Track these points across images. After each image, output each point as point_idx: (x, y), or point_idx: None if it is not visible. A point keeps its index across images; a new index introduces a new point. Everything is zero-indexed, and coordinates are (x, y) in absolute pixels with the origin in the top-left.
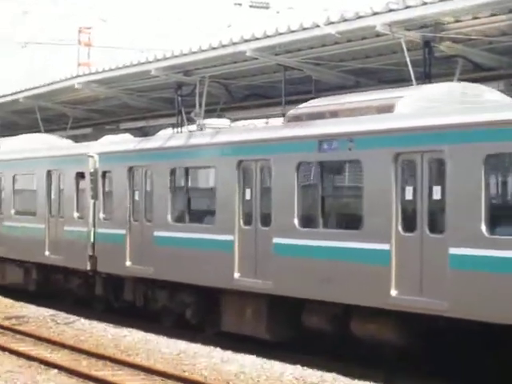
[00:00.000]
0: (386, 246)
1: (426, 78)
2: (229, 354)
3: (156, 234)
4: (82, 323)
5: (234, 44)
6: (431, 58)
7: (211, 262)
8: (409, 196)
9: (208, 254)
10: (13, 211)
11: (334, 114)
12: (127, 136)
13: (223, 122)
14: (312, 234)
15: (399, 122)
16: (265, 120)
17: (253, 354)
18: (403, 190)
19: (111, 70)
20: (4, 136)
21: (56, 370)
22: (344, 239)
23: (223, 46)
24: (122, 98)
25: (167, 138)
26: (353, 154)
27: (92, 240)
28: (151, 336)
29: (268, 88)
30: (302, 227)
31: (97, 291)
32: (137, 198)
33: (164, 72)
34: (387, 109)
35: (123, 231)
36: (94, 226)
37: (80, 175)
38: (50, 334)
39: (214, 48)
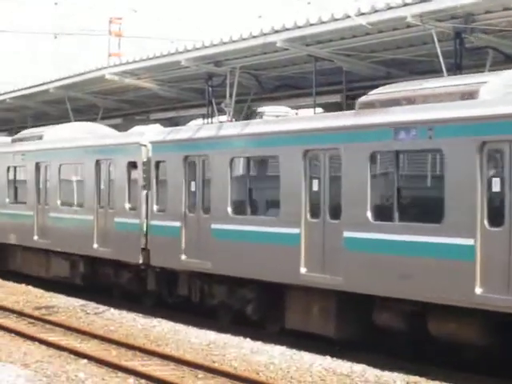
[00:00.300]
0: (470, 241)
1: (456, 69)
2: (258, 344)
3: (214, 226)
4: (112, 313)
5: (265, 35)
6: (462, 49)
7: (275, 257)
8: (496, 188)
9: (272, 248)
10: (59, 202)
11: (411, 101)
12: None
13: (284, 109)
14: (387, 227)
15: (485, 108)
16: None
17: (282, 345)
18: (489, 181)
19: (142, 60)
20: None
21: (86, 360)
22: (423, 233)
23: (254, 37)
24: (152, 89)
25: (227, 126)
26: (433, 143)
27: (145, 232)
28: (180, 326)
29: (298, 79)
30: (376, 220)
31: (149, 286)
32: (193, 188)
33: (194, 62)
34: (470, 95)
35: (178, 223)
36: (147, 218)
37: (132, 165)
38: (80, 323)
39: (244, 39)
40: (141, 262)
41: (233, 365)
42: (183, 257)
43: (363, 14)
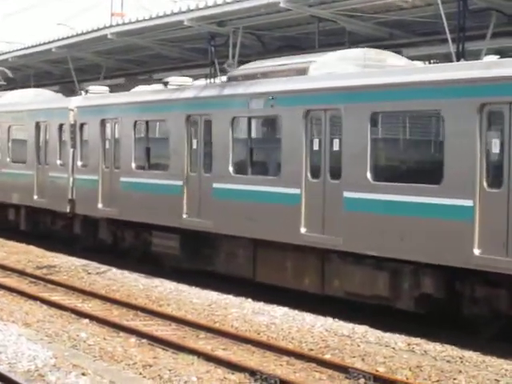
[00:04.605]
0: None
1: (460, 31)
2: (260, 305)
3: None
4: (114, 273)
5: None
6: (465, 11)
7: None
8: None
9: None
10: (369, 174)
11: None
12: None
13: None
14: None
15: None
16: None
17: (284, 306)
18: None
19: (144, 20)
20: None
21: (87, 320)
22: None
23: None
24: (154, 49)
25: None
26: None
27: None
28: (183, 287)
29: (302, 39)
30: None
31: None
32: None
33: (197, 22)
34: None
35: None
36: None
37: None
38: (82, 283)
39: None
40: None
41: (234, 325)
42: None
43: None
